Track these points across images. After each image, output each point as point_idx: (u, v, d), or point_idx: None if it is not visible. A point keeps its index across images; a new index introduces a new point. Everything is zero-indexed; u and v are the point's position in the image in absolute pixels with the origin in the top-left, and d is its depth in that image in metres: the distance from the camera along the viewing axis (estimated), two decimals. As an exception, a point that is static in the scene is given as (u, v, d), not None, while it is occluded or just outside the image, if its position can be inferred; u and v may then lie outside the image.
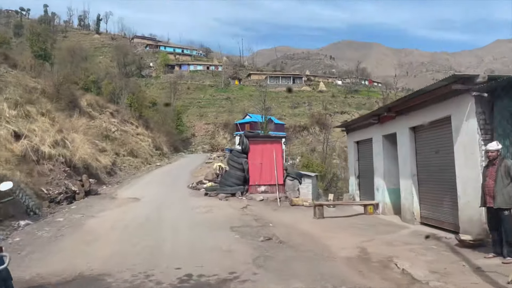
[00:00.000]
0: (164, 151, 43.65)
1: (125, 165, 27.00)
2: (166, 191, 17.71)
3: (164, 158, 39.18)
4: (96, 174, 19.20)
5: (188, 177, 22.81)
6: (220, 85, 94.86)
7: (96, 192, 15.52)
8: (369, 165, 13.35)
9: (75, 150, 17.02)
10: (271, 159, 16.10)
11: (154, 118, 58.78)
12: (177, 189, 18.28)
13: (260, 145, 16.47)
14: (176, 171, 26.16)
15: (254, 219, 10.78)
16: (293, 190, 15.97)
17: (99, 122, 34.00)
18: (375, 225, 10.33)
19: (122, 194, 16.03)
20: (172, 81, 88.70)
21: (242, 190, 15.90)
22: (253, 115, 65.77)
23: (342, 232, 9.23)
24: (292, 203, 14.36)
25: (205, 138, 77.27)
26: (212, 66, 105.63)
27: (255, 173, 16.13)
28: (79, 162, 16.87)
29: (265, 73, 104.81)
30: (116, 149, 28.21)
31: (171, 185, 19.83)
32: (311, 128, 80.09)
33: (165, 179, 22.26)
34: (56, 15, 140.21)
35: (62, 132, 17.71)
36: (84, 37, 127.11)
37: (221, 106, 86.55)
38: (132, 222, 10.12)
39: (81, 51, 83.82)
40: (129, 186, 19.27)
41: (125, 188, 18.39)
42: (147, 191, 17.08)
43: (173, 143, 62.35)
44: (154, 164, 31.29)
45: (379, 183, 12.01)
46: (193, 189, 18.22)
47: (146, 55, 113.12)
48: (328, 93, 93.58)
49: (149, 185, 19.49)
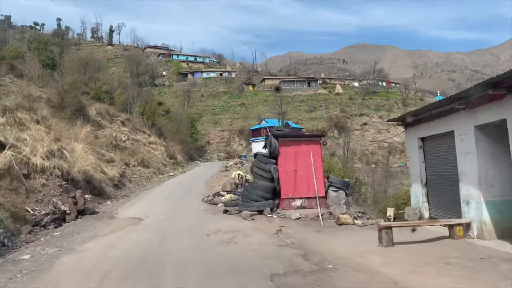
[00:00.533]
0: (178, 160, 41.66)
1: (135, 176, 24.96)
2: (177, 207, 15.19)
3: (178, 167, 37.16)
4: (100, 187, 17.12)
5: (203, 188, 20.48)
6: (234, 91, 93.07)
7: (93, 211, 13.12)
8: (445, 169, 9.86)
9: (74, 161, 14.96)
10: (307, 165, 12.85)
11: (168, 126, 57.10)
12: (190, 204, 15.71)
13: (293, 146, 13.20)
14: (190, 181, 23.94)
15: (300, 255, 7.29)
16: (338, 204, 12.62)
17: (108, 131, 32.22)
18: (482, 259, 6.69)
19: (123, 212, 13.61)
20: (185, 89, 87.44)
21: (271, 206, 12.58)
22: (269, 120, 63.48)
23: (439, 277, 5.79)
24: (340, 221, 11.01)
25: (220, 145, 75.29)
26: (225, 72, 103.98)
27: (288, 183, 12.83)
28: (79, 174, 14.79)
29: (280, 78, 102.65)
30: (126, 159, 26.25)
31: (183, 198, 17.56)
32: (329, 131, 77.26)
33: (177, 191, 20.12)
34: (69, 28, 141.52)
35: (60, 141, 15.69)
36: (97, 49, 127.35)
37: (236, 112, 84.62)
38: (121, 264, 6.88)
39: (93, 62, 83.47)
40: (135, 200, 17.04)
41: (130, 203, 16.08)
42: (154, 207, 14.77)
43: (188, 152, 60.55)
44: (167, 174, 29.22)
45: (469, 194, 8.46)
46: (209, 203, 15.56)
47: (159, 64, 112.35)
48: (345, 96, 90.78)
49: (158, 199, 17.27)
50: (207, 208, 14.47)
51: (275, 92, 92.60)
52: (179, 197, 17.86)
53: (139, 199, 17.12)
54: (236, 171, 19.55)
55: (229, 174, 23.98)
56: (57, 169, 13.78)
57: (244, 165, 28.27)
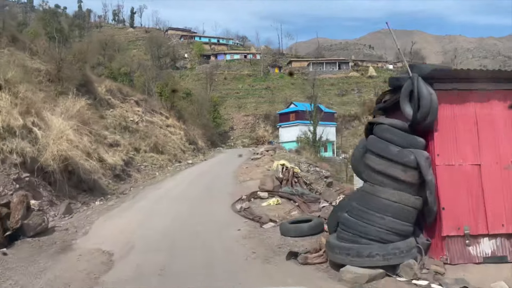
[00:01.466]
0: (199, 146, 37.05)
1: (146, 164, 20.38)
2: (189, 221, 9.35)
3: (199, 154, 32.54)
4: (90, 180, 12.50)
5: (231, 182, 15.28)
6: (259, 74, 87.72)
7: (42, 229, 7.43)
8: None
9: (46, 143, 10.30)
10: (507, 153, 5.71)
11: (188, 109, 52.61)
12: (212, 216, 9.72)
13: (473, 105, 5.83)
14: (212, 173, 19.06)
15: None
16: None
17: (119, 111, 27.81)
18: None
19: (94, 233, 8.07)
20: (208, 71, 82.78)
21: (414, 255, 5.39)
22: (299, 104, 58.12)
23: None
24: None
25: (244, 131, 70.52)
26: (250, 54, 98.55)
27: (460, 198, 5.58)
28: (53, 162, 10.14)
29: (307, 60, 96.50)
30: (136, 143, 21.68)
31: (202, 201, 11.92)
32: (363, 117, 71.14)
33: (195, 187, 14.79)
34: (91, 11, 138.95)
35: (32, 115, 11.05)
36: (119, 31, 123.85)
37: (261, 96, 79.46)
38: None
39: (113, 43, 79.83)
40: (131, 203, 11.80)
41: (120, 210, 10.64)
42: (152, 220, 9.45)
43: (210, 137, 56.06)
44: (185, 162, 24.52)
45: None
46: (246, 214, 9.40)
47: (181, 46, 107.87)
48: (379, 79, 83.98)
49: (164, 201, 11.99)
50: (243, 229, 8.27)
51: (290, 76, 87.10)
52: (195, 198, 12.43)
53: (137, 200, 12.19)
54: (279, 161, 14.14)
55: (261, 164, 19.08)
56: (15, 154, 9.14)
57: (278, 153, 23.35)
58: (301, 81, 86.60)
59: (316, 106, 48.02)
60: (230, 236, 7.81)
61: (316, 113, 47.70)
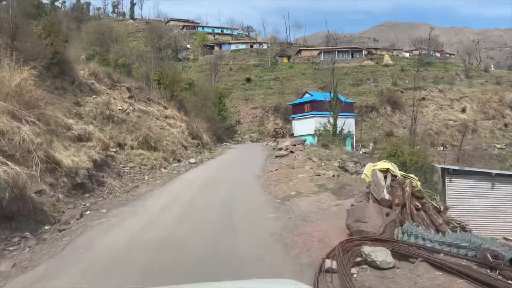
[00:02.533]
0: (204, 141, 31.56)
1: (132, 164, 14.92)
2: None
3: (204, 151, 27.03)
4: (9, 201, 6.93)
5: (265, 202, 9.19)
6: (267, 64, 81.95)
7: None
8: None
9: None
10: None
11: (191, 100, 47.18)
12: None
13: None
14: (226, 179, 13.76)
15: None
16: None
17: (105, 98, 22.44)
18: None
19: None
20: (212, 61, 77.15)
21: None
22: (315, 93, 52.45)
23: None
24: None
25: (252, 125, 64.93)
26: (256, 44, 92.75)
27: None
28: None
29: (318, 48, 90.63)
30: (120, 137, 16.19)
31: (217, 270, 5.40)
32: (381, 108, 65.46)
33: (197, 214, 8.57)
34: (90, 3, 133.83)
35: None
36: (118, 23, 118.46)
37: (269, 87, 73.79)
38: None
39: (110, 33, 74.69)
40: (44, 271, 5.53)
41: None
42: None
43: (216, 131, 50.63)
44: (186, 162, 18.94)
45: None
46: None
47: (183, 37, 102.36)
48: (395, 67, 78.01)
49: (114, 274, 5.53)
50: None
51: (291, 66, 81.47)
52: (199, 258, 5.94)
53: (59, 262, 5.95)
54: (382, 163, 7.37)
55: (296, 164, 13.61)
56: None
57: (309, 148, 18.00)
58: (312, 71, 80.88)
59: (336, 95, 42.37)
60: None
61: (337, 103, 42.16)
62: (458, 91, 68.45)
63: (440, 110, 63.83)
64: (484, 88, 68.64)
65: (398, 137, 55.18)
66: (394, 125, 63.39)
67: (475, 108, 65.12)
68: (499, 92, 66.79)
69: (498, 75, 76.27)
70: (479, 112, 64.20)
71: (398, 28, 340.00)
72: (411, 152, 39.35)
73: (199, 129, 31.72)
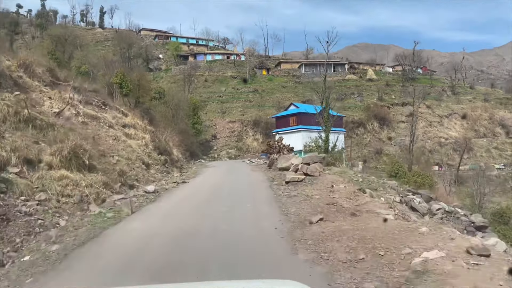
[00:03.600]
0: (174, 157, 25.36)
1: (45, 196, 8.58)
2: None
3: (174, 170, 20.80)
4: None
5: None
6: (245, 76, 76.69)
7: None
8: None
9: None
10: None
11: (161, 109, 40.98)
12: None
13: None
14: (216, 255, 6.14)
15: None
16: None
17: (34, 96, 16.23)
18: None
19: None
20: (186, 72, 71.18)
21: None
22: (301, 105, 47.34)
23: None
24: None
25: (229, 140, 58.99)
26: (234, 55, 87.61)
27: None
28: None
29: (299, 61, 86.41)
30: (34, 150, 9.86)
31: None
32: (368, 124, 60.98)
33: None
34: (57, 12, 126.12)
35: None
36: (86, 32, 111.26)
37: (248, 100, 68.40)
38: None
39: (74, 39, 67.98)
40: None
41: None
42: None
43: (189, 147, 44.51)
44: (141, 190, 12.22)
45: None
46: None
47: (155, 47, 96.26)
48: (380, 82, 74.38)
49: None
50: None
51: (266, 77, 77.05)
52: None
53: None
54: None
55: (347, 201, 7.55)
56: None
57: (343, 170, 12.54)
58: (293, 84, 76.25)
59: (328, 107, 37.21)
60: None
61: (329, 117, 36.97)
62: (446, 107, 65.15)
63: (430, 127, 59.96)
64: (473, 105, 65.72)
65: (390, 155, 50.50)
66: (382, 142, 58.93)
67: (466, 125, 61.74)
68: (488, 110, 63.90)
69: (485, 92, 73.98)
70: (470, 129, 60.81)
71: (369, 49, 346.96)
72: (416, 173, 34.45)
73: (168, 142, 25.52)
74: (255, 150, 57.64)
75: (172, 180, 15.48)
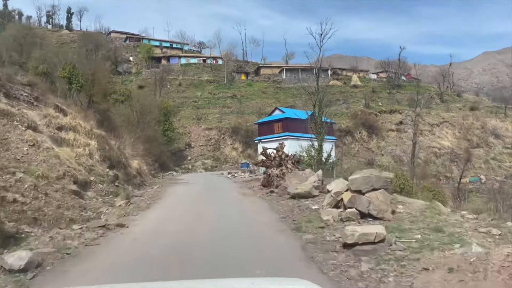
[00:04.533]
0: (131, 171, 19.34)
1: None
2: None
3: (124, 192, 14.75)
4: None
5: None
6: (222, 80, 71.11)
7: None
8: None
9: None
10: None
11: (123, 111, 34.87)
12: None
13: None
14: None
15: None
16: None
17: None
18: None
19: None
20: (158, 76, 65.00)
21: None
22: (288, 110, 42.12)
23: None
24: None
25: (205, 149, 53.01)
26: (210, 58, 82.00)
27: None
28: None
29: (280, 66, 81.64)
30: None
31: None
32: (356, 132, 56.35)
33: None
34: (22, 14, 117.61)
35: None
36: (52, 33, 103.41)
37: (226, 106, 62.73)
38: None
39: (32, 37, 61.49)
40: None
41: None
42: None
43: (159, 157, 38.52)
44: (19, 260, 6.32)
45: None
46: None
47: (125, 49, 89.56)
48: (366, 89, 70.34)
49: None
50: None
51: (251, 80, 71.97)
52: None
53: None
54: None
55: None
56: None
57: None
58: (274, 90, 71.25)
59: (321, 112, 32.25)
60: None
61: (322, 124, 32.03)
62: (437, 116, 61.44)
63: (421, 136, 55.83)
64: (464, 114, 62.29)
65: (383, 166, 45.75)
66: (372, 152, 54.34)
67: (458, 134, 58.05)
68: (480, 118, 60.55)
69: (473, 100, 71.08)
70: (463, 139, 57.11)
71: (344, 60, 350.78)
72: (426, 187, 29.72)
73: (124, 151, 19.49)
74: (234, 160, 51.92)
75: (96, 224, 8.63)
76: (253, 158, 49.61)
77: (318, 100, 32.35)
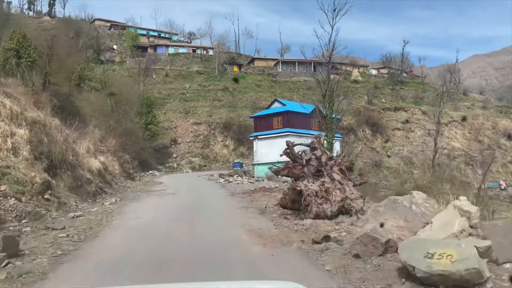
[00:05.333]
0: (83, 174, 13.84)
1: None
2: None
3: (60, 204, 9.44)
4: None
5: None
6: (213, 72, 65.66)
7: None
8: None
9: None
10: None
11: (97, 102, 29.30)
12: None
13: None
14: None
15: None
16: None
17: None
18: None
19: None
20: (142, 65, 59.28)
21: None
22: (289, 103, 37.09)
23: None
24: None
25: (193, 146, 47.61)
26: (200, 48, 76.45)
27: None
28: None
29: (275, 58, 76.53)
30: None
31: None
32: (359, 130, 51.52)
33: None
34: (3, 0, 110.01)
35: None
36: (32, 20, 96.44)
37: (217, 99, 57.32)
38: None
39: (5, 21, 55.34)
40: None
41: None
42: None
43: (139, 154, 33.24)
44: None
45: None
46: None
47: (110, 37, 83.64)
48: (368, 84, 65.64)
49: None
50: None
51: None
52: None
53: None
54: None
55: None
56: None
57: None
58: (269, 83, 66.09)
59: (332, 107, 27.36)
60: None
61: (332, 119, 27.24)
62: (445, 114, 56.91)
63: (429, 136, 51.23)
64: (473, 113, 57.92)
65: (392, 168, 40.92)
66: (376, 152, 49.53)
67: (468, 135, 53.61)
68: (490, 118, 56.22)
69: (480, 99, 66.95)
70: (473, 140, 52.69)
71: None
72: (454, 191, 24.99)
73: (73, 145, 14.08)
74: (224, 158, 46.66)
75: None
76: (247, 157, 44.47)
77: (329, 90, 27.28)
